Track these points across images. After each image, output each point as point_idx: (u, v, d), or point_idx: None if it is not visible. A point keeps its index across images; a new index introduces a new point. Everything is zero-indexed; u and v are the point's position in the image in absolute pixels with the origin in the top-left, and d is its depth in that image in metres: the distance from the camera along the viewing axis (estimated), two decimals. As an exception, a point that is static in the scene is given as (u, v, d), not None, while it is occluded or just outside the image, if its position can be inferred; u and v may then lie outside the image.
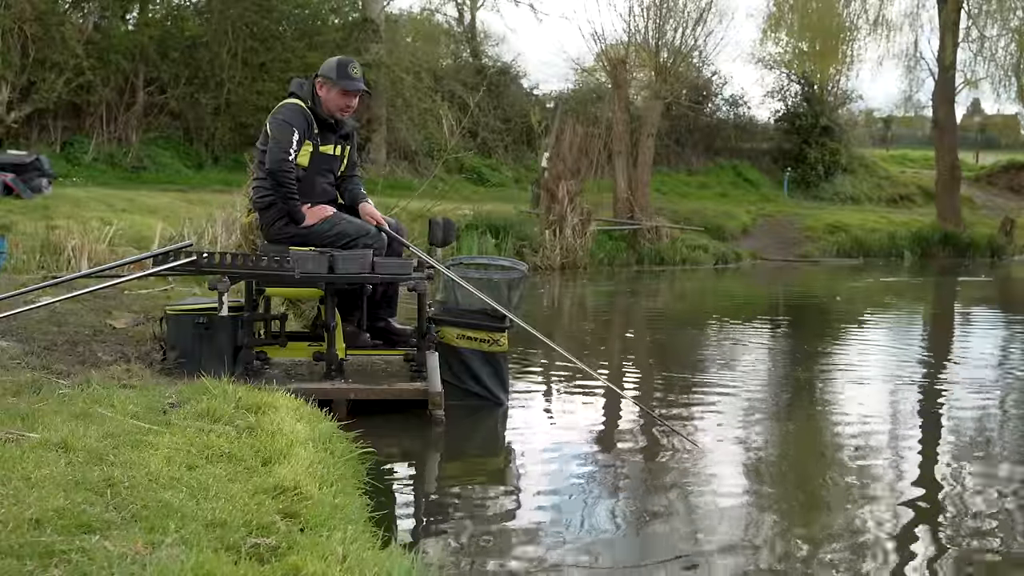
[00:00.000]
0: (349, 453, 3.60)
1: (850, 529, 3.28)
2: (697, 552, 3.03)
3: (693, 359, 7.17)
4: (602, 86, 22.76)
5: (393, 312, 5.20)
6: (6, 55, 15.30)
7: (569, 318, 9.90)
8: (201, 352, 4.53)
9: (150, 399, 3.69)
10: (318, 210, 4.79)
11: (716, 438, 4.49)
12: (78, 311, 5.77)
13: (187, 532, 2.28)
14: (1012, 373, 6.76)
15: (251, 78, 18.04)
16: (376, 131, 19.92)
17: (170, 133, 18.26)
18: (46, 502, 2.34)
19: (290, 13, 19.29)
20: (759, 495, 3.67)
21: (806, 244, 19.93)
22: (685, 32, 18.47)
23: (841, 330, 9.16)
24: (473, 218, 13.97)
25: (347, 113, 4.94)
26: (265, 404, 3.70)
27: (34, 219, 9.76)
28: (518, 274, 5.01)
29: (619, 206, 16.96)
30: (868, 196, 26.19)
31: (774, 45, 26.88)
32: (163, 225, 9.31)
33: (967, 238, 20.85)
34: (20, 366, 4.23)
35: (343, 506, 2.78)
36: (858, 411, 5.14)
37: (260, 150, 4.87)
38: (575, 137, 15.10)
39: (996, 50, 22.75)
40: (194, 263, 4.54)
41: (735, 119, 27.30)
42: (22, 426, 3.07)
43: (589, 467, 3.99)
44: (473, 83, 21.85)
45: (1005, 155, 31.19)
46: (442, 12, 28.14)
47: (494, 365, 4.90)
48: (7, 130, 15.65)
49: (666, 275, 15.06)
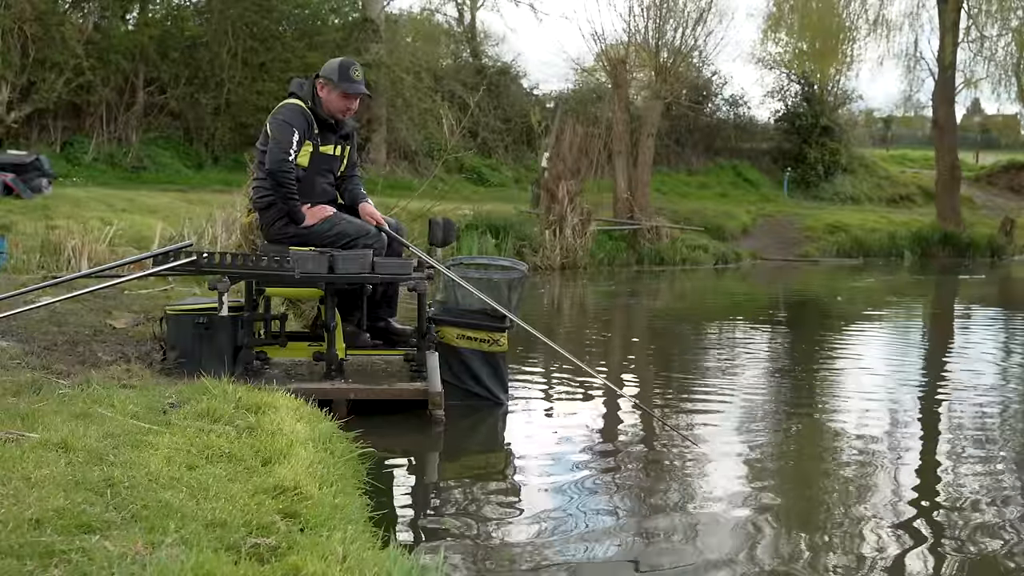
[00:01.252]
0: (349, 453, 3.60)
1: (850, 530, 3.28)
2: (697, 552, 3.03)
3: (693, 359, 7.18)
4: (602, 86, 22.77)
5: (393, 312, 5.20)
6: (6, 55, 15.30)
7: (569, 318, 9.90)
8: (201, 352, 4.53)
9: (150, 399, 3.69)
10: (318, 210, 4.79)
11: (716, 438, 4.49)
12: (78, 311, 5.77)
13: (187, 532, 2.28)
14: (1013, 373, 6.76)
15: (251, 78, 18.05)
16: (376, 131, 19.92)
17: (170, 133, 18.26)
18: (46, 502, 2.34)
19: (290, 13, 19.29)
20: (759, 495, 3.66)
21: (806, 244, 19.94)
22: (685, 32, 18.51)
23: (841, 330, 9.16)
24: (473, 218, 13.97)
25: (347, 115, 4.94)
26: (265, 404, 3.70)
27: (34, 219, 9.77)
28: (518, 274, 5.01)
29: (619, 206, 16.97)
30: (868, 196, 26.21)
31: (774, 45, 26.94)
32: (163, 225, 9.31)
33: (967, 238, 20.86)
34: (20, 366, 4.23)
35: (343, 506, 2.78)
36: (859, 411, 5.14)
37: (260, 150, 4.86)
38: (575, 137, 15.10)
39: (996, 50, 22.78)
40: (194, 263, 4.55)
41: (735, 119, 27.32)
42: (22, 426, 3.07)
43: (589, 467, 3.99)
44: (473, 83, 21.87)
45: (1005, 155, 31.22)
46: (442, 12, 28.22)
47: (494, 365, 4.91)
48: (7, 130, 15.65)
49: (666, 275, 15.06)
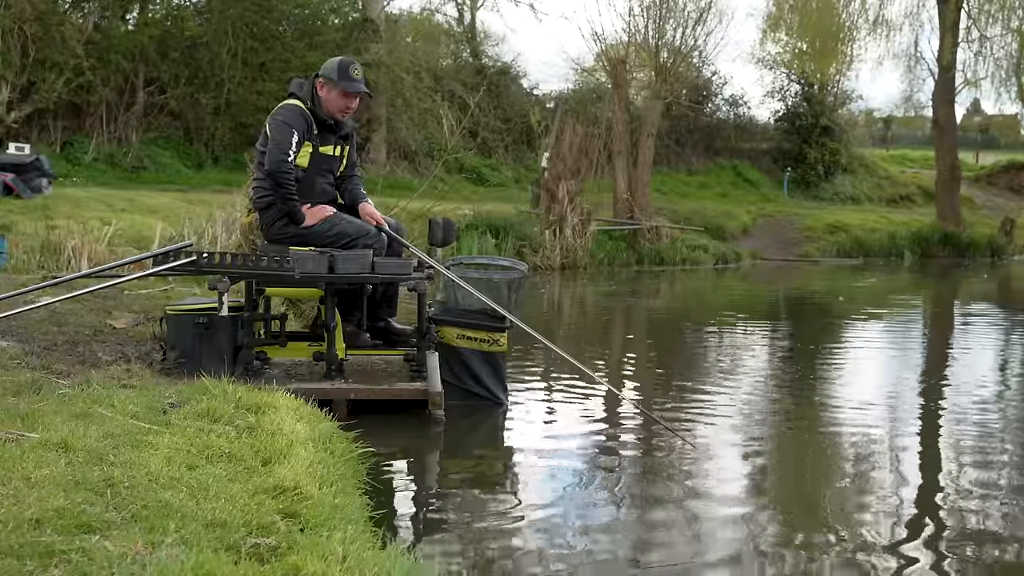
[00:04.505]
0: (349, 453, 3.60)
1: (850, 529, 3.28)
2: (696, 552, 3.03)
3: (693, 359, 7.17)
4: (602, 86, 22.77)
5: (393, 312, 5.19)
6: (6, 55, 15.30)
7: (569, 318, 9.89)
8: (201, 352, 4.53)
9: (150, 399, 3.69)
10: (318, 210, 4.79)
11: (715, 437, 4.49)
12: (78, 311, 5.77)
13: (187, 532, 2.28)
14: (1013, 373, 6.76)
15: (251, 78, 18.05)
16: (376, 131, 19.92)
17: (170, 133, 18.26)
18: (46, 502, 2.34)
19: (290, 13, 19.29)
20: (758, 496, 3.67)
21: (806, 244, 19.94)
22: (685, 32, 18.51)
23: (842, 330, 9.16)
24: (473, 218, 13.96)
25: (347, 114, 4.94)
26: (265, 404, 3.70)
27: (34, 219, 9.77)
28: (518, 274, 5.01)
29: (619, 206, 16.96)
30: (868, 196, 26.21)
31: (774, 45, 26.86)
32: (163, 225, 9.31)
33: (967, 238, 20.85)
34: (20, 366, 4.23)
35: (343, 506, 2.78)
36: (859, 411, 5.13)
37: (260, 151, 4.86)
38: (575, 137, 15.10)
39: (996, 50, 22.73)
40: (194, 263, 4.55)
41: (735, 119, 27.31)
42: (22, 426, 3.07)
43: (588, 467, 3.99)
44: (473, 83, 21.87)
45: (1005, 155, 31.21)
46: (442, 12, 28.21)
47: (494, 365, 4.90)
48: (7, 130, 15.65)
49: (666, 275, 15.06)
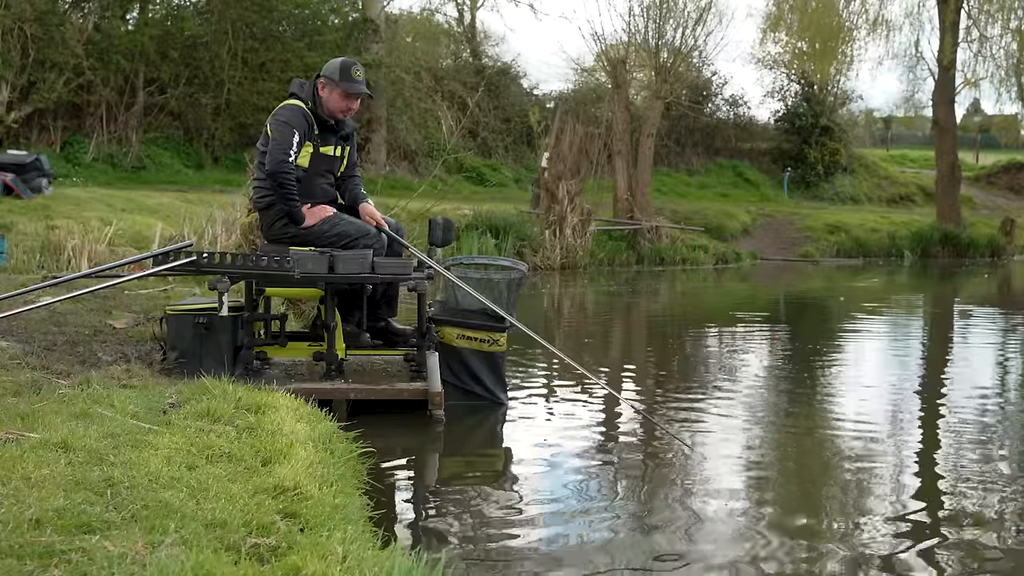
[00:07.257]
0: (349, 453, 3.60)
1: (850, 529, 3.28)
2: (696, 552, 3.03)
3: (693, 360, 7.17)
4: (602, 86, 22.78)
5: (393, 312, 5.20)
6: (6, 55, 15.29)
7: (569, 319, 9.89)
8: (201, 352, 4.53)
9: (150, 399, 3.69)
10: (318, 210, 4.79)
11: (715, 437, 4.49)
12: (78, 311, 5.77)
13: (187, 532, 2.28)
14: (1012, 372, 6.76)
15: (251, 78, 18.04)
16: (376, 131, 19.91)
17: (170, 133, 18.25)
18: (46, 502, 2.34)
19: (290, 13, 19.27)
20: (758, 496, 3.66)
21: (806, 244, 19.95)
22: (685, 32, 18.53)
23: (842, 330, 9.16)
24: (473, 218, 13.97)
25: (348, 115, 4.95)
26: (265, 404, 3.70)
27: (34, 219, 9.76)
28: (518, 274, 5.02)
29: (619, 206, 16.97)
30: (868, 196, 26.23)
31: (774, 45, 26.90)
32: (163, 225, 9.32)
33: (967, 238, 20.86)
34: (20, 366, 4.23)
35: (343, 506, 2.78)
36: (860, 411, 5.14)
37: (260, 151, 4.87)
38: (575, 137, 15.11)
39: (996, 50, 22.74)
40: (194, 263, 4.55)
41: (735, 119, 27.32)
42: (22, 426, 3.07)
43: (588, 467, 3.99)
44: (473, 83, 21.89)
45: (1005, 155, 31.24)
46: (442, 12, 28.21)
47: (493, 365, 4.91)
48: (7, 130, 15.65)
49: (666, 275, 15.06)
